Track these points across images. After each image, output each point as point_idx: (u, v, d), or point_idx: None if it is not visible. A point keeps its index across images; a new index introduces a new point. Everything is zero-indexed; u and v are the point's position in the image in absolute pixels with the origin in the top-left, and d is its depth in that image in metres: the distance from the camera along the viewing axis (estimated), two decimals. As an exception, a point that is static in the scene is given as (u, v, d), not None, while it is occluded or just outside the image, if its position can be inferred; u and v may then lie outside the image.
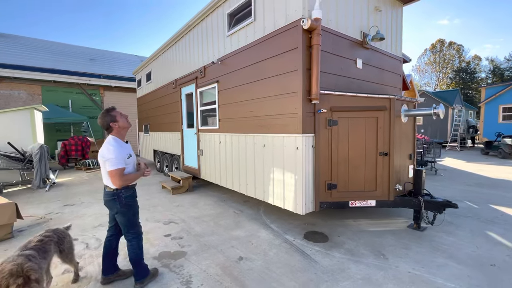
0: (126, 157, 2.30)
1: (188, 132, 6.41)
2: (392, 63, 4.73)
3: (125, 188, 2.33)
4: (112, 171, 2.19)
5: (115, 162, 2.19)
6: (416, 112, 3.70)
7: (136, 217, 2.47)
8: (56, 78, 11.99)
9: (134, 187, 2.46)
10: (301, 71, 3.22)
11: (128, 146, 2.44)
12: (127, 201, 2.35)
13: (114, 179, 2.20)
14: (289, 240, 3.40)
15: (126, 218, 2.37)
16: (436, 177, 7.36)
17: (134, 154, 2.48)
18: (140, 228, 2.52)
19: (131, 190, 2.40)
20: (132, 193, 2.42)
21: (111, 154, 2.18)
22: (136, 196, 2.50)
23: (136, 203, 2.48)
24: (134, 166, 2.45)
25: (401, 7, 4.85)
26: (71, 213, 4.60)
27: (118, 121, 2.34)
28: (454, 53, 37.62)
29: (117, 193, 2.30)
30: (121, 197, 2.31)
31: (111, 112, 2.35)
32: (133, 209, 2.42)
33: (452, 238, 3.39)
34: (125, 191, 2.33)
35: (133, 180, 2.36)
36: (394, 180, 3.60)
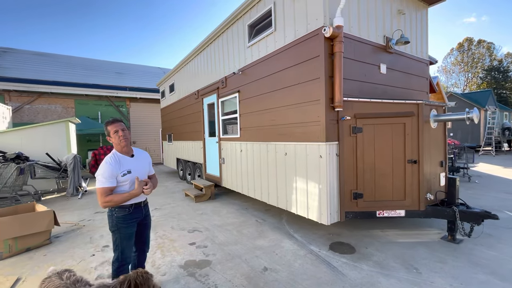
0: (120, 174, 2.07)
1: (210, 141, 6.55)
2: (418, 66, 4.56)
3: (119, 207, 2.12)
4: (96, 189, 2.03)
5: (99, 180, 2.02)
6: (447, 117, 3.52)
7: (124, 243, 2.15)
8: (87, 92, 12.83)
9: (132, 208, 2.17)
10: (324, 79, 3.20)
11: (132, 161, 2.19)
12: (117, 221, 2.13)
13: (98, 197, 2.02)
14: (314, 251, 3.32)
15: (114, 239, 2.17)
16: (469, 184, 6.89)
17: (145, 168, 2.29)
18: (127, 258, 2.20)
19: (125, 211, 2.14)
20: (126, 215, 2.14)
21: (99, 171, 2.04)
22: (135, 219, 2.22)
23: (130, 227, 2.18)
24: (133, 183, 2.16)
25: (426, 8, 4.70)
26: (102, 220, 4.83)
27: (111, 137, 2.16)
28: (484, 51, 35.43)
29: (111, 211, 2.14)
30: (113, 216, 2.13)
31: (108, 126, 2.17)
32: (122, 233, 2.14)
33: (493, 252, 3.14)
34: (118, 211, 2.12)
35: (120, 202, 2.05)
36: (424, 188, 3.43)
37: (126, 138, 2.18)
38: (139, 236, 2.37)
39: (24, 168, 6.10)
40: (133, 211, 2.19)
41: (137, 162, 2.25)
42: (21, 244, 3.50)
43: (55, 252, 3.51)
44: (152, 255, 3.32)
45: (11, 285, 2.71)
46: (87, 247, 3.66)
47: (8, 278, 2.85)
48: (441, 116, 3.58)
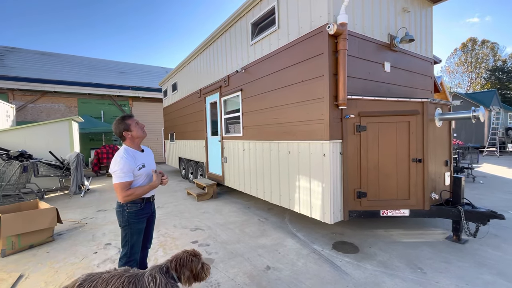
0: (136, 168, 2.11)
1: (212, 140, 6.54)
2: (422, 65, 4.52)
3: (131, 203, 2.13)
4: (115, 185, 2.04)
5: (118, 175, 2.03)
6: (452, 116, 3.48)
7: (134, 238, 2.18)
8: (90, 91, 12.88)
9: (144, 203, 2.21)
10: (328, 77, 3.18)
11: (144, 156, 2.26)
12: (129, 217, 2.14)
13: (117, 192, 2.04)
14: (317, 250, 3.30)
15: (124, 234, 2.18)
16: (474, 184, 6.82)
17: (153, 164, 2.33)
18: (135, 254, 2.21)
19: (137, 206, 2.16)
20: (137, 211, 2.16)
21: (116, 166, 2.04)
22: (146, 214, 2.25)
23: (141, 223, 2.21)
24: (149, 177, 2.25)
25: (431, 6, 4.65)
26: (104, 218, 4.83)
27: (132, 130, 2.19)
28: (488, 51, 35.13)
29: (122, 206, 2.14)
30: (125, 212, 2.13)
31: (126, 120, 2.19)
32: (133, 229, 2.16)
33: (498, 253, 3.10)
34: (130, 206, 2.13)
35: (141, 194, 2.12)
36: (429, 188, 3.39)
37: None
38: (147, 230, 2.39)
39: (27, 166, 6.12)
40: (144, 206, 2.22)
41: (147, 157, 2.32)
42: (24, 241, 3.50)
43: (58, 249, 3.51)
44: (154, 253, 3.31)
45: (14, 281, 2.72)
46: (90, 244, 3.66)
47: (11, 275, 2.85)
48: (447, 115, 3.54)
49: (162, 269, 1.74)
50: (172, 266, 1.74)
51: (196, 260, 1.80)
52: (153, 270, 1.73)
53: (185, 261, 1.76)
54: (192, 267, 1.76)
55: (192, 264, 1.77)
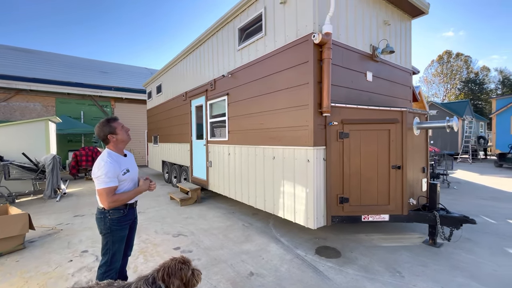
0: (120, 173, 2.04)
1: (197, 144, 6.46)
2: (401, 75, 4.72)
3: (114, 209, 2.04)
4: (99, 190, 1.94)
5: (103, 180, 1.93)
6: (429, 125, 3.66)
7: (116, 246, 2.09)
8: (70, 91, 12.37)
9: (127, 209, 2.13)
10: (312, 84, 3.25)
11: (127, 160, 2.19)
12: (111, 224, 2.05)
13: (102, 198, 1.96)
14: (300, 255, 3.32)
15: (105, 242, 2.09)
16: (448, 190, 7.16)
17: (136, 168, 2.27)
18: (116, 262, 2.13)
19: (120, 213, 2.07)
20: (120, 217, 2.07)
21: (100, 171, 1.94)
22: (129, 221, 2.17)
23: (123, 230, 2.12)
24: (133, 182, 2.19)
25: (410, 20, 4.89)
26: (81, 224, 4.62)
27: (118, 133, 2.11)
28: (462, 64, 37.40)
29: (104, 213, 2.05)
30: (106, 218, 2.04)
31: (112, 123, 2.11)
32: (115, 236, 2.07)
33: (471, 256, 3.26)
34: (112, 213, 2.04)
35: (127, 200, 2.06)
36: (407, 194, 3.52)
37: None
38: (127, 238, 2.28)
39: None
40: (127, 213, 2.14)
41: (130, 161, 2.24)
42: (-9, 250, 3.28)
43: (29, 258, 3.31)
44: (134, 260, 3.20)
45: (-22, 293, 2.53)
46: (64, 252, 3.47)
47: (-25, 286, 2.65)
48: (424, 124, 3.71)
49: (148, 280, 1.64)
50: (159, 276, 1.64)
51: (186, 267, 1.71)
52: (138, 283, 1.63)
53: (173, 270, 1.66)
54: (182, 275, 1.67)
55: (182, 272, 1.68)
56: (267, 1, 3.96)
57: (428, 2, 4.63)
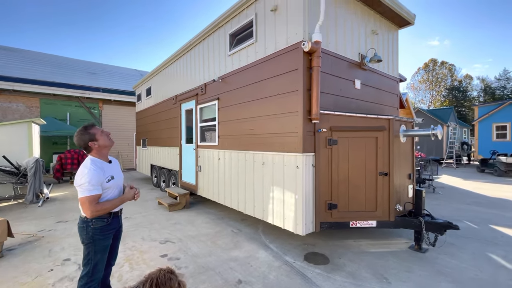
0: (105, 180, 1.98)
1: (186, 148, 6.39)
2: (389, 83, 4.84)
3: (96, 218, 1.96)
4: (82, 199, 1.87)
5: (86, 188, 1.86)
6: (414, 133, 3.75)
7: (98, 256, 2.01)
8: (56, 91, 12.03)
9: (111, 217, 2.06)
10: (302, 92, 3.28)
11: (112, 167, 2.13)
12: (94, 233, 1.97)
13: (84, 207, 1.88)
14: (289, 262, 3.31)
15: (86, 252, 2.00)
16: (434, 195, 7.35)
17: (121, 174, 2.21)
18: (98, 273, 2.04)
19: (103, 222, 2.00)
20: (103, 227, 2.00)
21: (83, 179, 1.87)
22: (112, 230, 2.09)
23: (107, 239, 2.05)
24: (118, 189, 2.12)
25: (397, 30, 5.04)
26: (64, 231, 4.46)
27: (98, 139, 2.04)
28: (446, 72, 38.81)
29: (86, 222, 1.97)
30: (89, 228, 1.96)
31: (90, 130, 2.04)
32: (98, 246, 1.99)
33: (454, 261, 3.34)
34: (95, 222, 1.97)
35: (111, 208, 1.99)
36: (394, 200, 3.59)
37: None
38: (112, 247, 2.20)
39: (-24, 172, 5.51)
40: (111, 221, 2.07)
41: (115, 168, 2.17)
42: (-35, 259, 3.11)
43: (6, 267, 3.16)
44: (119, 269, 3.11)
45: (-51, 307, 2.39)
46: (45, 261, 3.34)
47: None
48: (410, 131, 3.81)
49: None
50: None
51: (174, 277, 1.62)
52: None
53: (163, 281, 1.56)
54: (171, 285, 1.58)
55: (171, 282, 1.58)
56: (258, 8, 4.00)
57: (414, 14, 4.79)
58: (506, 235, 4.26)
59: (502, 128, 13.85)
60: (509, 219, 5.08)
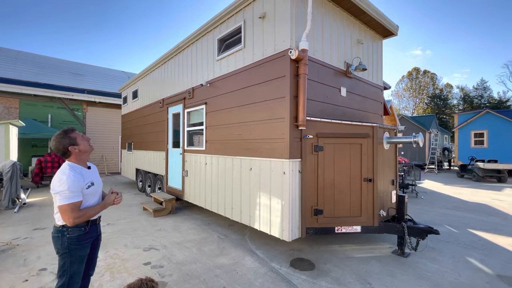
0: (84, 187, 1.90)
1: (173, 152, 6.29)
2: (373, 91, 4.98)
3: (73, 227, 1.88)
4: (62, 206, 1.78)
5: (66, 196, 1.78)
6: (397, 140, 3.86)
7: (75, 267, 1.90)
8: (37, 92, 11.58)
9: (89, 226, 1.97)
10: (289, 98, 3.32)
11: (91, 173, 2.06)
12: (70, 243, 1.87)
13: (65, 215, 1.79)
14: (275, 269, 3.30)
15: (62, 263, 1.90)
16: (417, 200, 7.57)
17: (100, 180, 2.13)
18: (75, 285, 1.94)
19: (80, 230, 1.91)
20: (80, 235, 1.91)
21: (62, 186, 1.78)
22: (90, 239, 2.00)
23: (84, 249, 1.95)
24: (98, 196, 2.06)
25: (381, 40, 5.21)
26: (41, 238, 4.26)
27: (79, 144, 1.95)
28: (429, 80, 40.41)
29: (61, 231, 1.87)
30: (64, 237, 1.87)
31: (70, 134, 1.95)
32: (74, 256, 1.89)
33: (435, 265, 3.43)
34: (71, 231, 1.88)
35: (93, 215, 1.92)
36: (378, 205, 3.66)
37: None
38: (89, 256, 2.11)
39: None
40: (89, 230, 1.97)
41: (94, 174, 2.11)
42: None
43: (-24, 279, 2.97)
44: (100, 278, 2.99)
45: None
46: (20, 271, 3.17)
47: None
48: (393, 139, 3.92)
49: None
50: None
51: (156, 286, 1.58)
52: None
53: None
54: None
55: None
56: (247, 15, 4.03)
57: (397, 25, 4.97)
58: (483, 239, 4.43)
59: (480, 135, 14.50)
60: (486, 223, 5.30)
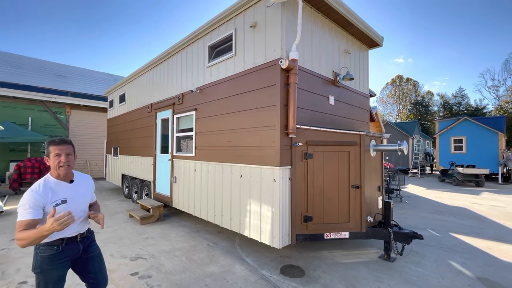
0: (50, 204, 1.72)
1: (161, 158, 6.20)
2: (360, 99, 5.13)
3: (44, 245, 1.74)
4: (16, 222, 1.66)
5: (20, 212, 1.64)
6: (383, 148, 3.99)
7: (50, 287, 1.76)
8: (16, 94, 11.11)
9: (63, 244, 1.79)
10: (279, 107, 3.37)
11: (70, 188, 1.86)
12: (41, 262, 1.74)
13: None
14: (265, 276, 3.31)
15: (37, 282, 1.77)
16: (401, 204, 7.80)
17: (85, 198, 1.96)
18: None
19: (52, 250, 1.76)
20: (52, 255, 1.74)
21: (20, 201, 1.68)
22: (66, 259, 1.82)
23: (58, 269, 1.78)
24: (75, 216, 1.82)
25: (367, 50, 5.40)
26: (20, 249, 4.06)
27: (49, 160, 1.80)
28: (411, 88, 42.00)
29: (36, 248, 1.77)
30: (37, 256, 1.75)
31: (49, 145, 1.80)
32: (47, 276, 1.75)
33: (419, 269, 3.55)
34: (42, 249, 1.75)
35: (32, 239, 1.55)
36: (365, 211, 3.76)
37: (68, 166, 1.82)
38: (86, 272, 1.96)
39: None
40: (63, 249, 1.79)
41: (77, 188, 1.91)
42: None
43: None
44: (84, 291, 2.88)
45: None
46: (-3, 285, 3.01)
47: None
48: (379, 146, 4.05)
49: None
50: None
51: None
52: None
53: None
54: None
55: None
56: (238, 23, 4.08)
57: (382, 36, 5.17)
58: (464, 242, 4.63)
59: (459, 141, 15.18)
60: (466, 227, 5.53)
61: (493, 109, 31.39)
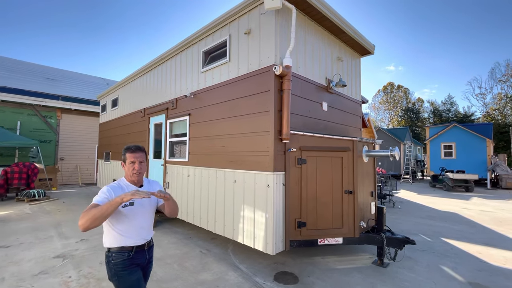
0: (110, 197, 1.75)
1: (154, 163, 6.13)
2: (352, 106, 5.21)
3: (116, 252, 1.79)
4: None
5: (94, 198, 1.75)
6: (375, 153, 4.04)
7: None
8: (4, 97, 10.87)
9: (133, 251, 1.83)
10: (273, 112, 3.39)
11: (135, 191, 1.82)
12: (116, 269, 1.78)
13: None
14: (259, 283, 3.26)
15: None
16: (393, 209, 7.87)
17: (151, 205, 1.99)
18: None
19: (123, 256, 1.80)
20: (125, 261, 1.79)
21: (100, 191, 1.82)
22: (136, 265, 1.85)
23: (133, 273, 1.81)
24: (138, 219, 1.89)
25: (359, 58, 5.50)
26: (5, 258, 3.92)
27: (125, 165, 1.92)
28: (402, 94, 42.89)
29: (108, 256, 1.81)
30: (110, 263, 1.79)
31: (125, 152, 1.91)
32: (125, 282, 1.78)
33: (412, 274, 3.57)
34: (115, 256, 1.78)
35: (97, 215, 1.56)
36: (358, 217, 3.77)
37: (140, 173, 1.92)
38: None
39: None
40: (134, 256, 1.84)
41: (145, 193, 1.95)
42: None
43: None
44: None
45: None
46: (-21, 295, 2.89)
47: None
48: (371, 152, 4.10)
49: None
50: None
51: None
52: None
53: None
54: None
55: None
56: (232, 29, 4.11)
57: (374, 44, 5.29)
58: (455, 247, 4.68)
59: (449, 147, 15.50)
60: (457, 232, 5.61)
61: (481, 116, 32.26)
